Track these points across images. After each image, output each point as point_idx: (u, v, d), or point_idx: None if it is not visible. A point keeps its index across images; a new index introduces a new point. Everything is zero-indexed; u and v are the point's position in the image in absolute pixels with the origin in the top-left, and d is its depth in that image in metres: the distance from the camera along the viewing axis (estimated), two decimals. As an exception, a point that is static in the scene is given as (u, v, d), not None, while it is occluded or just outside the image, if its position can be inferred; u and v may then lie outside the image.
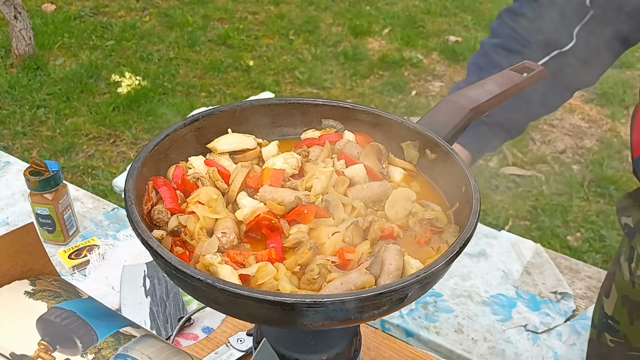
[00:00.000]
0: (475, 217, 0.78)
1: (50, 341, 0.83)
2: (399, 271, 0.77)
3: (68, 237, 1.44)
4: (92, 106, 3.81)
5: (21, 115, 3.71)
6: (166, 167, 0.93)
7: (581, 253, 2.82)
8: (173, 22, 4.87)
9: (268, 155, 0.97)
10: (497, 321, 1.80)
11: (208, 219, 0.84)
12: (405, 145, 0.98)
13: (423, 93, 4.11)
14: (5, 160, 1.74)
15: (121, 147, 3.50)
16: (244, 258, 0.79)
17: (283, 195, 0.86)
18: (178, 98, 3.95)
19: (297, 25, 4.91)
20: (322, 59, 4.45)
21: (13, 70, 4.14)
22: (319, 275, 0.78)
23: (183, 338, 1.20)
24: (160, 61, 4.37)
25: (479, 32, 4.69)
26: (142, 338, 0.87)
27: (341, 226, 0.84)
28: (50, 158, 3.30)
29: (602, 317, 1.32)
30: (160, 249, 0.73)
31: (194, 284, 0.70)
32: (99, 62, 4.29)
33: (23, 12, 4.04)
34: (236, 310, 0.75)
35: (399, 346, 1.18)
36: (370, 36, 4.78)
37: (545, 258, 2.02)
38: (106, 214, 1.56)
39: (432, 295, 1.88)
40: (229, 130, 0.99)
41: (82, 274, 1.36)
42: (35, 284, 0.93)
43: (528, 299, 1.87)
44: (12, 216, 1.54)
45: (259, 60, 4.45)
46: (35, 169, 1.37)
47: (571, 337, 1.75)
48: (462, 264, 1.99)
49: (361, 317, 0.73)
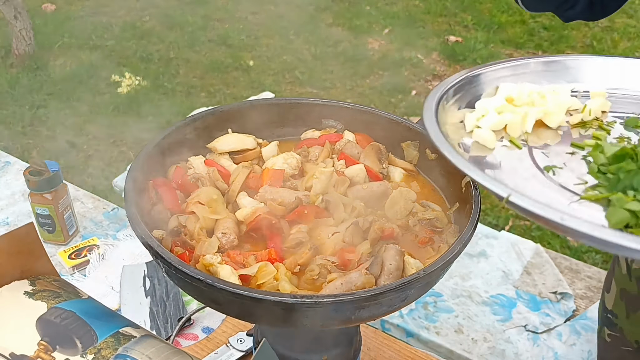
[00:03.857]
0: (475, 217, 0.78)
1: (50, 341, 0.83)
2: (399, 271, 0.77)
3: (68, 237, 1.44)
4: (92, 106, 3.81)
5: (21, 115, 3.71)
6: (166, 167, 0.93)
7: (581, 253, 2.82)
8: (173, 22, 4.87)
9: (268, 155, 0.97)
10: (497, 321, 1.80)
11: (208, 219, 0.84)
12: (405, 145, 0.98)
13: (423, 93, 4.11)
14: (5, 160, 1.74)
15: (121, 147, 3.50)
16: (244, 258, 0.79)
17: (283, 196, 0.86)
18: (178, 98, 3.95)
19: (297, 25, 4.90)
20: (322, 59, 4.45)
21: (13, 70, 4.14)
22: (319, 275, 0.78)
23: (183, 338, 1.20)
24: (160, 61, 4.37)
25: (479, 32, 4.69)
26: (142, 338, 0.87)
27: (341, 226, 0.84)
28: (50, 158, 3.29)
29: (603, 312, 1.32)
30: (160, 249, 0.73)
31: (194, 284, 0.70)
32: (99, 62, 4.29)
33: (23, 12, 4.04)
34: (236, 310, 0.75)
35: (399, 346, 1.18)
36: (370, 36, 4.78)
37: (546, 258, 2.02)
38: (106, 214, 1.56)
39: (432, 295, 1.88)
40: (229, 130, 0.99)
41: (82, 274, 1.36)
42: (35, 284, 0.93)
43: (528, 299, 1.87)
44: (12, 216, 1.54)
45: (259, 60, 4.44)
46: (35, 168, 1.37)
47: (571, 337, 1.75)
48: (462, 264, 1.99)
49: (361, 317, 0.73)
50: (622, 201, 0.54)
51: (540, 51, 4.48)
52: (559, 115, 0.73)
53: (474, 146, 0.67)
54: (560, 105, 0.74)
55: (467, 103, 0.75)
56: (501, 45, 4.61)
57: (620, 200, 0.54)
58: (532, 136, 0.71)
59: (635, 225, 0.53)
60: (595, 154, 0.64)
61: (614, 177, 0.59)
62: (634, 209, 0.53)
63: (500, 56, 4.39)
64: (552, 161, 0.66)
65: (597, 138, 0.70)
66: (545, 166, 0.65)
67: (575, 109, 0.76)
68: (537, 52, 4.49)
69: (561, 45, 4.50)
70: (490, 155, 0.66)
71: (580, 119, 0.74)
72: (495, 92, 0.76)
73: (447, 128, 0.67)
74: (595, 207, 0.57)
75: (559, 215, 0.50)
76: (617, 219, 0.53)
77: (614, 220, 0.53)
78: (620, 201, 0.54)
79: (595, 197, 0.58)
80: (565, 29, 4.65)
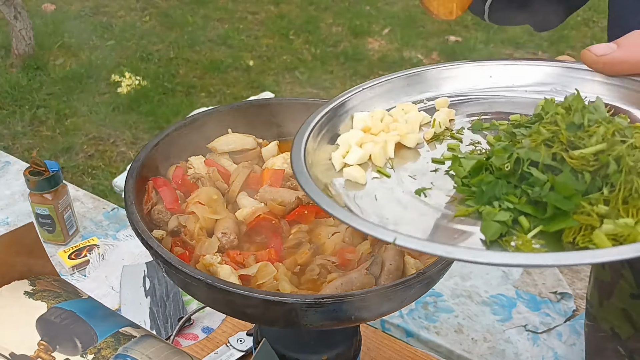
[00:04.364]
0: (475, 217, 0.78)
1: (50, 341, 0.83)
2: (399, 271, 0.77)
3: (68, 237, 1.44)
4: (92, 106, 3.81)
5: (21, 115, 3.71)
6: (166, 167, 0.93)
7: (581, 253, 2.82)
8: (173, 22, 4.87)
9: (268, 155, 0.97)
10: (497, 321, 1.80)
11: (208, 219, 0.84)
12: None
13: (423, 93, 4.10)
14: (5, 160, 1.74)
15: (121, 147, 3.50)
16: (244, 258, 0.79)
17: (283, 196, 0.86)
18: (178, 98, 3.95)
19: (297, 25, 4.91)
20: (322, 59, 4.45)
21: (13, 70, 4.14)
22: (319, 275, 0.78)
23: (183, 338, 1.20)
24: (160, 61, 4.37)
25: (479, 32, 4.69)
26: (142, 338, 0.87)
27: (341, 226, 0.84)
28: (50, 158, 3.30)
29: (585, 304, 1.33)
30: (160, 249, 0.73)
31: (194, 284, 0.70)
32: (99, 62, 4.29)
33: (23, 12, 4.04)
34: (236, 310, 0.75)
35: (399, 346, 1.18)
36: (370, 36, 4.78)
37: (545, 258, 2.02)
38: (106, 214, 1.56)
39: (432, 295, 1.88)
40: (229, 130, 0.99)
41: (82, 274, 1.36)
42: (35, 284, 0.93)
43: (528, 299, 1.87)
44: (12, 216, 1.54)
45: (259, 60, 4.45)
46: (35, 169, 1.37)
47: (571, 337, 1.75)
48: (462, 264, 1.98)
49: (361, 317, 0.73)
50: (491, 214, 0.58)
51: (540, 51, 4.49)
52: (414, 134, 0.75)
53: (347, 184, 0.68)
54: (412, 124, 0.76)
55: (332, 137, 0.76)
56: (501, 45, 4.61)
57: (489, 214, 0.58)
58: (396, 159, 0.73)
59: (506, 233, 0.57)
60: (455, 168, 0.67)
61: (477, 190, 0.62)
62: (502, 219, 0.57)
63: (501, 56, 4.39)
64: (421, 183, 0.68)
65: (453, 149, 0.73)
66: (416, 190, 0.66)
67: (426, 123, 0.78)
68: (536, 52, 4.49)
69: (561, 45, 4.50)
70: (363, 190, 0.67)
71: (433, 132, 0.77)
72: (351, 122, 0.77)
73: (315, 170, 0.68)
74: (470, 222, 0.60)
75: (443, 250, 0.53)
76: (491, 232, 0.57)
77: (489, 234, 0.57)
78: (490, 214, 0.58)
79: (467, 212, 0.61)
80: (565, 29, 4.65)
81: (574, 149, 0.59)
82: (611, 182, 0.56)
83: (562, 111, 0.64)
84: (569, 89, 0.75)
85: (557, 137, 0.60)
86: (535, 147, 0.60)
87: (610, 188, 0.56)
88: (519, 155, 0.60)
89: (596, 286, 1.26)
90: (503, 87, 0.80)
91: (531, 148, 0.61)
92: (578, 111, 0.63)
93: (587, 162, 0.57)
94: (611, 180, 0.56)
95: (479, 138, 0.75)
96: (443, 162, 0.71)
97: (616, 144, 0.58)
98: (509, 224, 0.57)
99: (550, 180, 0.57)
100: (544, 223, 0.56)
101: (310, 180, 0.64)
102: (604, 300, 1.23)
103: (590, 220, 0.54)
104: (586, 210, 0.55)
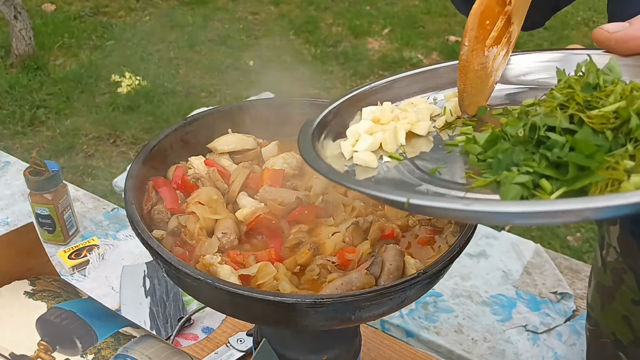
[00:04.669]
0: (475, 217, 0.78)
1: (50, 341, 0.83)
2: (399, 271, 0.77)
3: (68, 237, 1.44)
4: (92, 106, 3.81)
5: (21, 115, 3.71)
6: (166, 167, 0.93)
7: (581, 253, 2.82)
8: (173, 22, 4.87)
9: (268, 155, 0.97)
10: (497, 321, 1.80)
11: (208, 219, 0.84)
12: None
13: (423, 93, 4.11)
14: (5, 160, 1.74)
15: (121, 147, 3.50)
16: (244, 258, 0.79)
17: (283, 196, 0.86)
18: (178, 98, 3.95)
19: (297, 25, 4.90)
20: (322, 59, 4.45)
21: (13, 70, 4.14)
22: (319, 275, 0.78)
23: (183, 338, 1.20)
24: (160, 61, 4.37)
25: (479, 32, 4.69)
26: (142, 338, 0.87)
27: (341, 226, 0.83)
28: (50, 158, 3.30)
29: (586, 307, 1.33)
30: (160, 249, 0.73)
31: (194, 284, 0.70)
32: (99, 62, 4.29)
33: (23, 12, 4.04)
34: (236, 310, 0.75)
35: (399, 346, 1.18)
36: (370, 36, 4.78)
37: (546, 258, 2.02)
38: (106, 214, 1.56)
39: (432, 295, 1.88)
40: (229, 130, 0.99)
41: (81, 274, 1.36)
42: (35, 284, 0.93)
43: (528, 299, 1.87)
44: (12, 216, 1.54)
45: (259, 60, 4.45)
46: (35, 169, 1.37)
47: (571, 337, 1.75)
48: (462, 264, 1.99)
49: (361, 317, 0.72)
50: (509, 178, 0.55)
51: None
52: (425, 122, 0.74)
53: (357, 170, 0.68)
54: (423, 113, 0.75)
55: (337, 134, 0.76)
56: (501, 45, 4.61)
57: (508, 178, 0.55)
58: (408, 147, 0.72)
59: (529, 196, 0.54)
60: (469, 146, 0.65)
61: (494, 160, 0.59)
62: (522, 181, 0.54)
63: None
64: (434, 164, 0.67)
65: (466, 133, 0.71)
66: (430, 169, 0.65)
67: (437, 114, 0.77)
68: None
69: (561, 46, 4.50)
70: (374, 175, 0.67)
71: (444, 121, 0.76)
72: (359, 117, 0.77)
73: (328, 161, 0.67)
74: (488, 193, 0.58)
75: (460, 203, 0.50)
76: (512, 194, 0.54)
77: (509, 197, 0.54)
78: (508, 178, 0.55)
79: (484, 182, 0.58)
80: (565, 29, 4.66)
81: (590, 110, 0.55)
82: (635, 137, 0.53)
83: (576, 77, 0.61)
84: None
85: (572, 99, 0.57)
86: (551, 112, 0.57)
87: (634, 143, 0.53)
88: (534, 122, 0.57)
89: (598, 290, 1.25)
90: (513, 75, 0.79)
91: (546, 114, 0.57)
92: (593, 72, 0.60)
93: (607, 120, 0.54)
94: (635, 135, 0.53)
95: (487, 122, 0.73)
96: (457, 144, 0.69)
97: (636, 99, 0.55)
98: (529, 187, 0.54)
99: (570, 141, 0.53)
100: (567, 184, 0.53)
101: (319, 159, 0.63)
102: (605, 304, 1.22)
103: (617, 175, 0.50)
104: (611, 165, 0.51)
